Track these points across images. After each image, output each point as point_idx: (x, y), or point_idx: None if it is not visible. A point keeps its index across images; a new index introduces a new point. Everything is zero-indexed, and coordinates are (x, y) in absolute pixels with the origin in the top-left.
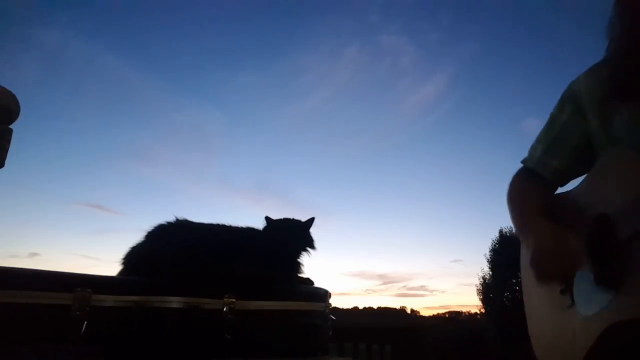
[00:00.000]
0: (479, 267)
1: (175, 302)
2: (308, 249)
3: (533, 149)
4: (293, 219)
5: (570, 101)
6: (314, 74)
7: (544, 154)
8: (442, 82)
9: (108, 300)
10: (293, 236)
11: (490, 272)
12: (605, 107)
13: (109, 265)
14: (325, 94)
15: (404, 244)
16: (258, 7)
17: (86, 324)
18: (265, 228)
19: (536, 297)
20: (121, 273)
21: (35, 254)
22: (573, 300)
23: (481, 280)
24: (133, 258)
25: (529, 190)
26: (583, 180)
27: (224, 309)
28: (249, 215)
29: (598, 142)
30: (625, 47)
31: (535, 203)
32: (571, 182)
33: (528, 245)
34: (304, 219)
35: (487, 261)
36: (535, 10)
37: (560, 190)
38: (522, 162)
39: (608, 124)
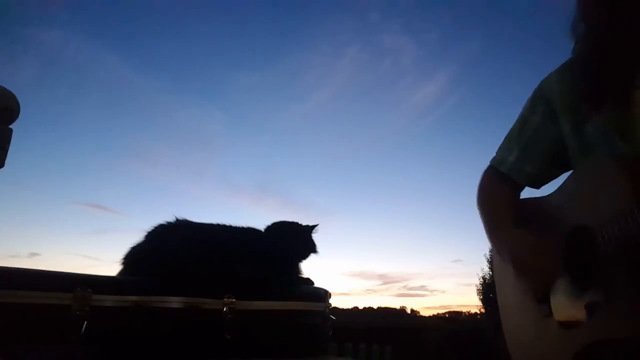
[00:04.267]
0: (479, 267)
1: (175, 302)
2: (310, 252)
3: (505, 151)
4: (295, 222)
5: (541, 102)
6: (314, 73)
7: (517, 158)
8: (443, 81)
9: (108, 300)
10: (295, 237)
11: (490, 272)
12: (577, 112)
13: (109, 265)
14: (325, 94)
15: (404, 244)
16: (258, 7)
17: (86, 324)
18: (267, 229)
19: (511, 303)
20: (121, 273)
21: (35, 254)
22: (551, 311)
23: (481, 280)
24: (133, 258)
25: (500, 194)
26: (560, 187)
27: (224, 309)
28: (249, 215)
29: (571, 148)
30: (591, 49)
31: (507, 208)
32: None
33: (502, 255)
34: (304, 219)
35: (487, 261)
36: (537, 10)
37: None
38: (492, 164)
39: (579, 130)
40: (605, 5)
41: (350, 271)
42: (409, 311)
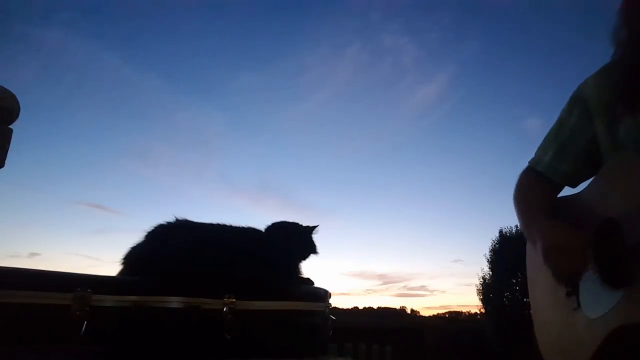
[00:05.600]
0: (479, 267)
1: (175, 302)
2: (310, 253)
3: (542, 151)
4: (296, 222)
5: (578, 104)
6: (315, 73)
7: (553, 158)
8: (443, 81)
9: (108, 300)
10: (295, 238)
11: (490, 272)
12: (612, 113)
13: (109, 265)
14: (325, 94)
15: (404, 244)
16: (258, 7)
17: (86, 324)
18: (267, 229)
19: (542, 299)
20: (121, 273)
21: (35, 254)
22: (579, 303)
23: (481, 280)
24: (133, 258)
25: (536, 191)
26: (590, 183)
27: (224, 309)
28: (249, 215)
29: (604, 148)
30: (632, 54)
31: (542, 203)
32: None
33: (535, 244)
34: (304, 219)
35: (487, 261)
36: (537, 10)
37: (570, 191)
38: (530, 164)
39: (613, 130)
40: None
41: (350, 271)
42: (409, 311)
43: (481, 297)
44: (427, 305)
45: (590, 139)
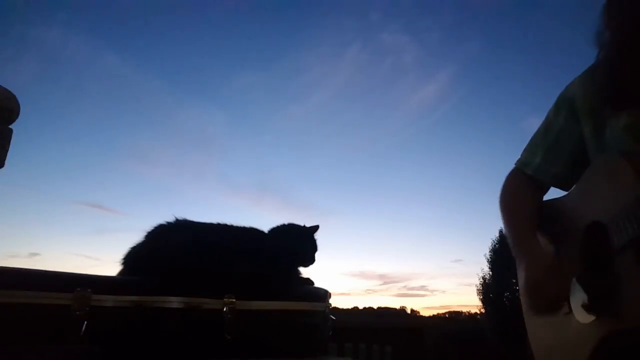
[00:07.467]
0: (479, 267)
1: (175, 302)
2: (312, 253)
3: (531, 153)
4: (296, 224)
5: (565, 105)
6: (315, 73)
7: (542, 160)
8: (443, 81)
9: (108, 300)
10: (296, 238)
11: (490, 272)
12: (597, 115)
13: (109, 265)
14: (326, 94)
15: (404, 244)
16: (258, 6)
17: (86, 324)
18: (270, 230)
19: None
20: (121, 273)
21: (35, 254)
22: (570, 309)
23: (481, 280)
24: (133, 258)
25: (524, 196)
26: (575, 186)
27: (224, 309)
28: (249, 215)
29: (590, 149)
30: (615, 55)
31: (529, 212)
32: None
33: (520, 267)
34: (304, 219)
35: (487, 261)
36: (537, 9)
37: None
38: (518, 166)
39: (599, 133)
40: (632, 14)
41: (350, 271)
42: (409, 311)
43: (481, 297)
44: (427, 305)
45: (578, 140)
